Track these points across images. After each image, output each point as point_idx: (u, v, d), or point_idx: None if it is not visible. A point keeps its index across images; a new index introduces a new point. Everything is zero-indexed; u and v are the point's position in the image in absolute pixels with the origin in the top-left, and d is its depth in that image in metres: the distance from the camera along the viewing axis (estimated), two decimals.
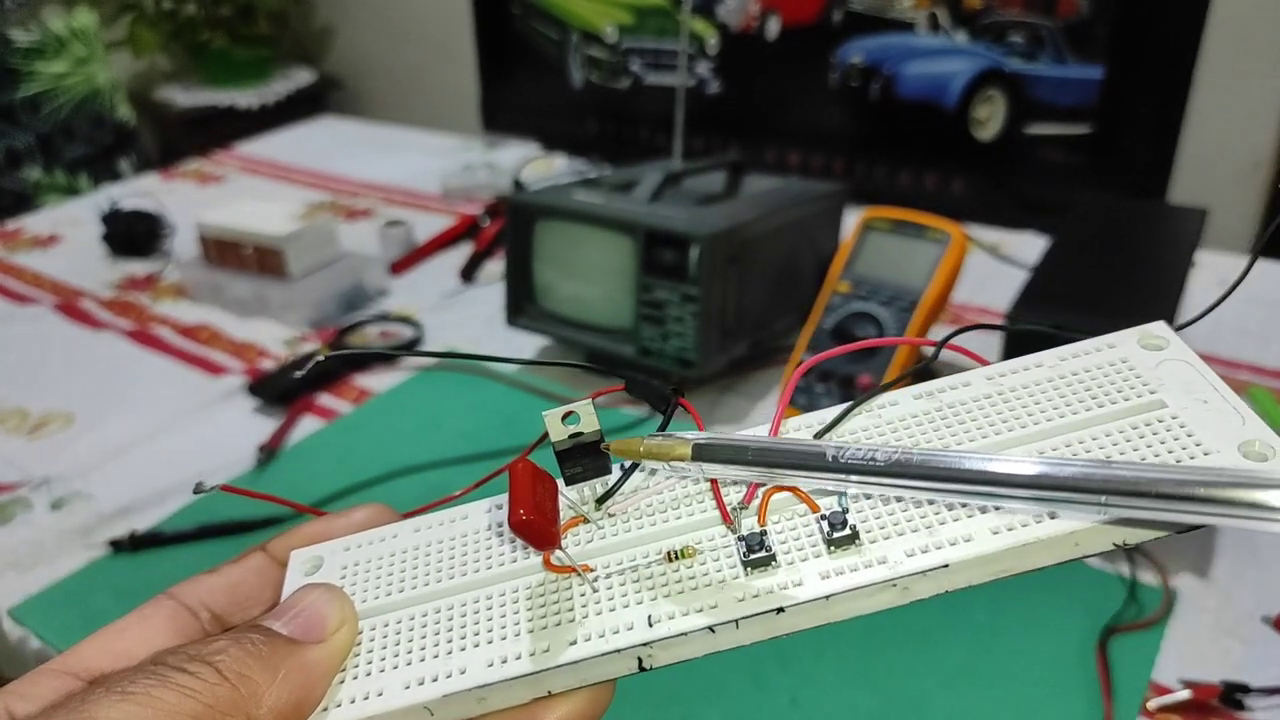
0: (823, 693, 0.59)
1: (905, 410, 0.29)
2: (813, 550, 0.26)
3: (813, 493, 0.27)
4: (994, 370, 0.30)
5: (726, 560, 0.27)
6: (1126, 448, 0.26)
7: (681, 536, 0.28)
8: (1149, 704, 0.57)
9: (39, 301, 1.12)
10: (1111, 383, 0.28)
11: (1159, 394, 0.27)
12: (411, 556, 0.30)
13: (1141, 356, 0.29)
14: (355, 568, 0.30)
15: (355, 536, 0.31)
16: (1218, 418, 0.26)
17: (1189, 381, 0.28)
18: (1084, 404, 0.28)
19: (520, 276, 0.90)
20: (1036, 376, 0.29)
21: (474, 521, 0.30)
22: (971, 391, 0.29)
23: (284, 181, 1.49)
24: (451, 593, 0.28)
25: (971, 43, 1.16)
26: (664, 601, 0.26)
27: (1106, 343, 0.29)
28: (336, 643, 0.26)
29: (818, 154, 1.30)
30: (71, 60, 1.88)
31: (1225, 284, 1.00)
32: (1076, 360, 0.29)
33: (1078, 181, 1.12)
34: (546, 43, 1.48)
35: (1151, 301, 0.67)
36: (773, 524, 0.27)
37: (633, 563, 0.27)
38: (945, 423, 0.28)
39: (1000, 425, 0.28)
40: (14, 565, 0.71)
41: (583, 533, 0.28)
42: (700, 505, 0.28)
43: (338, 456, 0.82)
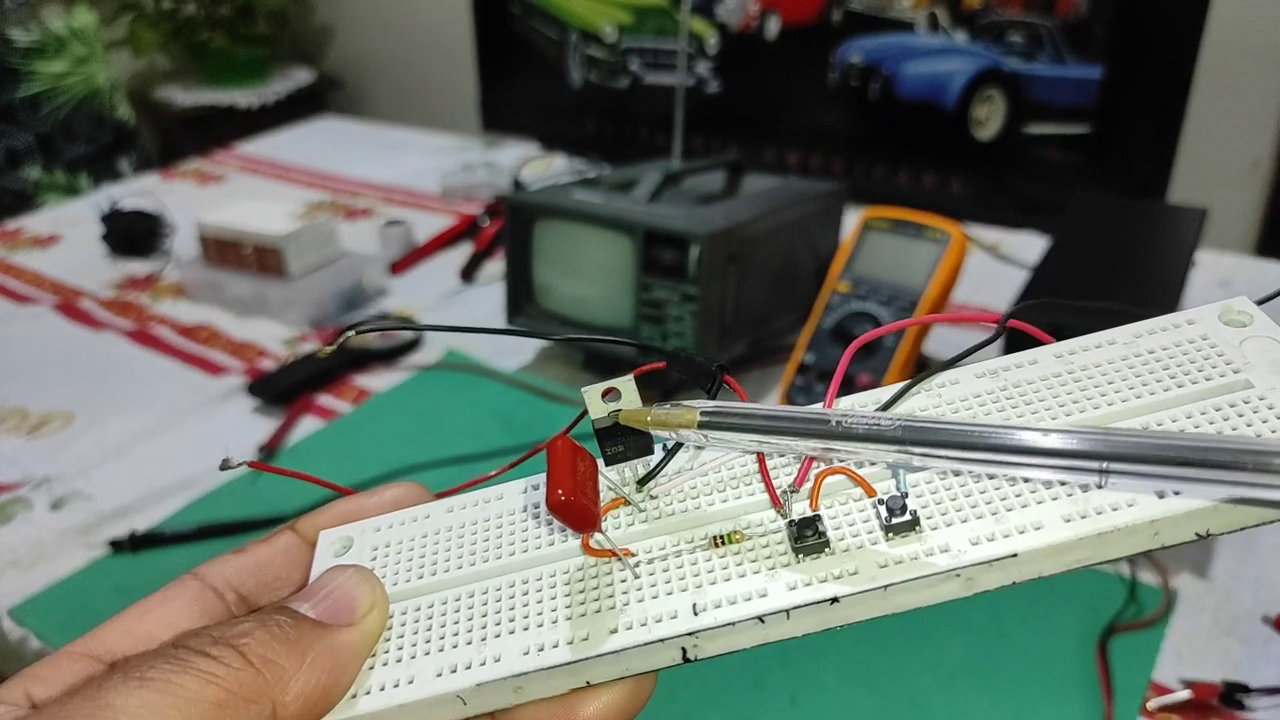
0: (822, 692, 0.59)
1: (968, 390, 0.27)
2: (869, 537, 0.25)
3: (871, 476, 0.26)
4: (1063, 348, 0.28)
5: (777, 546, 0.25)
6: (1210, 430, 0.25)
7: (728, 521, 0.26)
8: (1149, 704, 0.57)
9: (39, 301, 1.12)
10: (1191, 361, 0.26)
11: (1244, 373, 0.26)
12: (444, 538, 0.28)
13: (1223, 333, 0.27)
14: (386, 549, 0.29)
15: (386, 516, 0.29)
16: None
17: (1276, 360, 0.26)
18: (1162, 383, 0.26)
19: (520, 276, 0.90)
20: (1110, 355, 0.27)
21: (509, 502, 0.29)
22: (1039, 370, 0.27)
23: (284, 181, 1.49)
24: (486, 576, 0.27)
25: (971, 42, 1.16)
26: (710, 589, 0.25)
27: (1186, 319, 0.28)
28: (367, 626, 0.25)
29: (817, 153, 1.30)
30: (71, 60, 1.88)
31: (1225, 284, 1.00)
32: (1153, 338, 0.27)
33: (1077, 181, 1.12)
34: (546, 42, 1.48)
35: (1151, 301, 0.67)
36: (825, 509, 0.26)
37: (676, 548, 0.26)
38: (1011, 401, 0.27)
39: (1071, 405, 0.26)
40: (14, 565, 0.71)
41: (623, 515, 0.27)
42: (749, 488, 0.27)
43: (338, 456, 0.82)
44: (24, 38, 1.83)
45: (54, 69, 1.86)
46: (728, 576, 0.25)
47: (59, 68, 1.87)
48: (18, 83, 1.82)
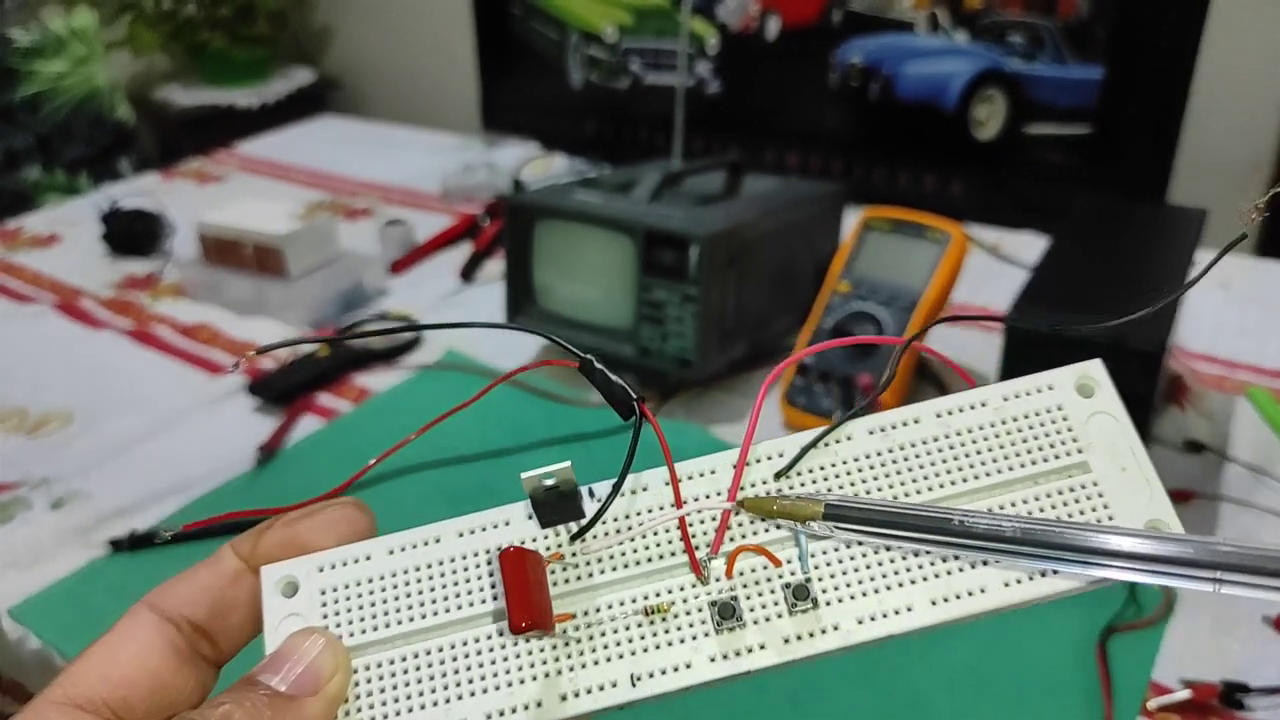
0: (822, 693, 0.59)
1: (859, 448, 0.30)
2: (775, 610, 0.28)
3: (772, 544, 0.29)
4: (943, 405, 0.30)
5: (699, 618, 0.28)
6: (1050, 514, 0.28)
7: (654, 583, 0.29)
8: (1149, 704, 0.57)
9: (38, 301, 1.12)
10: (1046, 434, 0.29)
11: (1085, 455, 0.29)
12: (391, 585, 0.29)
13: (1076, 405, 0.30)
14: (334, 593, 0.29)
15: (329, 555, 0.30)
16: (1131, 488, 0.29)
17: (1113, 442, 0.29)
18: (1020, 458, 0.29)
19: (520, 276, 0.90)
20: (979, 419, 0.30)
21: (448, 547, 0.30)
22: (920, 431, 0.30)
23: (283, 181, 1.49)
24: (437, 633, 0.29)
25: (971, 43, 1.16)
26: (643, 658, 0.28)
27: (1046, 383, 0.30)
28: (331, 691, 0.27)
29: (817, 154, 1.30)
30: (71, 60, 1.88)
31: (1224, 285, 1.00)
32: (1019, 403, 0.30)
33: (1077, 182, 1.12)
34: (546, 43, 1.48)
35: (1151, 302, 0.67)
36: (739, 575, 0.29)
37: (611, 612, 0.28)
38: (896, 467, 0.29)
39: (945, 477, 0.29)
40: (13, 565, 0.71)
41: (559, 573, 0.29)
42: (669, 547, 0.29)
43: (337, 456, 0.82)
44: (23, 38, 1.83)
45: (53, 69, 1.86)
46: (658, 645, 0.28)
47: (58, 68, 1.87)
48: (17, 83, 1.82)
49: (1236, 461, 0.77)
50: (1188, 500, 0.73)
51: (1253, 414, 0.83)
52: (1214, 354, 0.92)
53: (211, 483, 0.79)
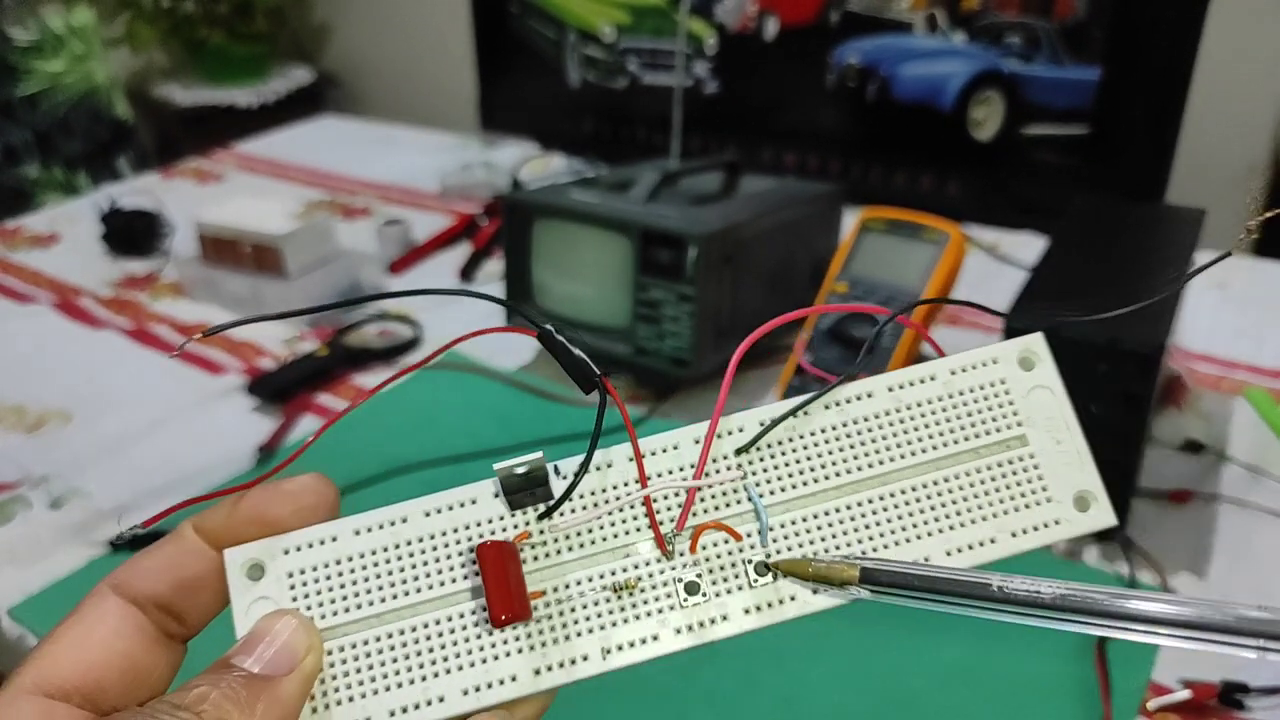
0: (816, 693, 0.59)
1: (817, 423, 0.31)
2: (737, 583, 0.30)
3: (731, 519, 0.30)
4: (894, 379, 0.31)
5: (665, 592, 0.29)
6: (991, 488, 0.30)
7: (621, 559, 0.30)
8: (1148, 704, 0.57)
9: (38, 300, 1.12)
10: (989, 408, 0.31)
11: (1024, 428, 0.31)
12: (359, 566, 0.29)
13: (1018, 379, 0.31)
14: (301, 575, 0.29)
15: (293, 537, 0.30)
16: (1065, 461, 0.30)
17: (1051, 417, 0.31)
18: (963, 432, 0.31)
19: (518, 275, 0.91)
20: (929, 392, 0.31)
21: (416, 526, 0.30)
22: (874, 405, 0.31)
23: (282, 180, 1.49)
24: (409, 613, 0.29)
25: (969, 44, 1.16)
26: (613, 631, 0.29)
27: (991, 356, 0.32)
28: (305, 669, 0.27)
29: (814, 154, 1.30)
30: (70, 57, 1.88)
31: (1221, 285, 1.00)
32: (965, 376, 0.31)
33: (1075, 183, 1.12)
34: (544, 42, 1.48)
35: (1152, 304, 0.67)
36: (702, 551, 0.30)
37: (580, 589, 0.29)
38: (850, 441, 0.31)
39: (895, 451, 0.31)
40: (13, 563, 0.71)
41: (528, 550, 0.30)
42: (636, 524, 0.30)
43: (336, 456, 0.82)
44: (23, 35, 1.83)
45: (52, 66, 1.86)
46: (626, 620, 0.29)
47: (57, 65, 1.87)
48: (16, 80, 1.82)
49: (1234, 461, 0.77)
50: (1186, 500, 0.73)
51: (1251, 414, 0.83)
52: (1212, 354, 0.92)
53: (210, 482, 0.79)
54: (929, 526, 0.30)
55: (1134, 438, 0.64)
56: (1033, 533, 0.30)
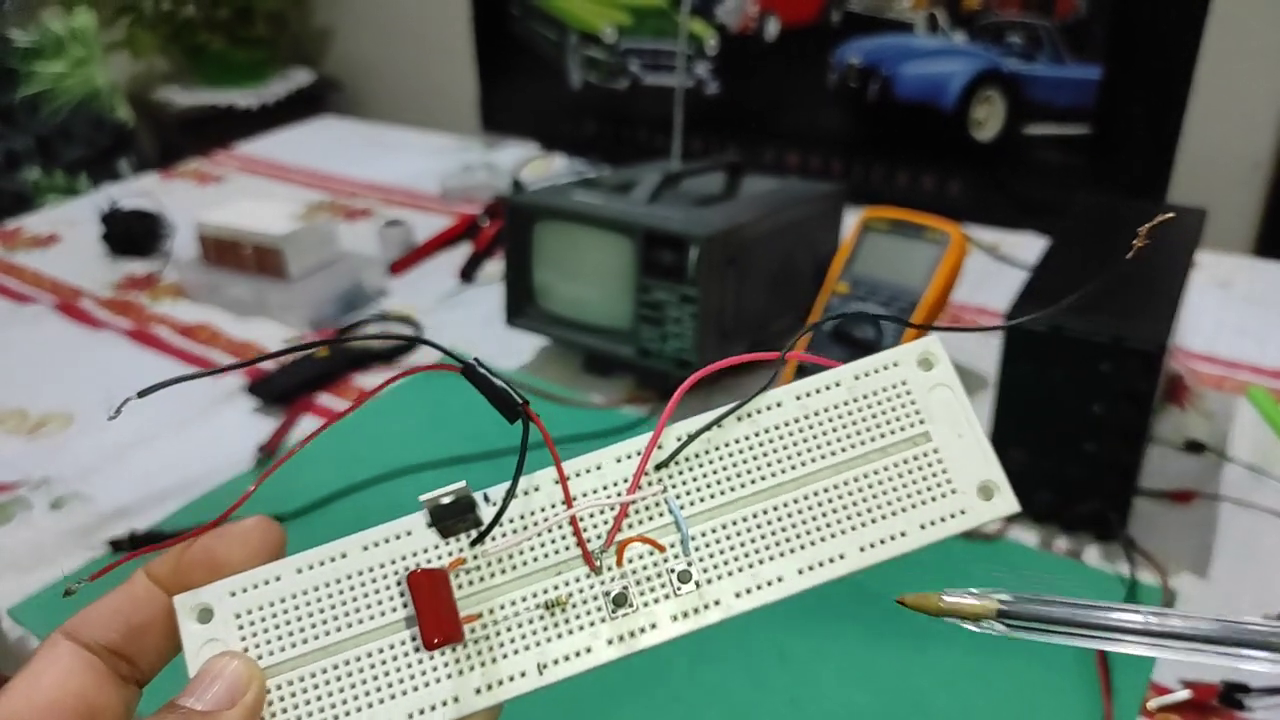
0: (822, 692, 0.59)
1: (729, 434, 0.32)
2: (664, 592, 0.31)
3: (655, 531, 0.31)
4: (801, 387, 0.33)
5: (595, 606, 0.30)
6: (899, 484, 0.31)
7: (552, 577, 0.31)
8: (1149, 704, 0.57)
9: (38, 301, 1.12)
10: (893, 409, 0.32)
11: (927, 425, 0.32)
12: (303, 603, 0.31)
13: (918, 378, 0.32)
14: (249, 615, 0.30)
15: (240, 579, 0.31)
16: (967, 454, 0.32)
17: (952, 413, 0.32)
18: (870, 433, 0.32)
19: (519, 277, 0.90)
20: (834, 398, 0.32)
21: (354, 561, 0.31)
22: (783, 414, 0.32)
23: (283, 182, 1.49)
24: (351, 645, 0.30)
25: (970, 43, 1.16)
26: (547, 647, 0.30)
27: (892, 359, 0.33)
28: (247, 703, 0.28)
29: (816, 154, 1.30)
30: (70, 61, 1.88)
31: (1224, 284, 1.00)
32: (868, 380, 0.32)
33: (1076, 182, 1.12)
34: (545, 43, 1.48)
35: (1155, 302, 0.67)
36: (628, 564, 0.31)
37: (514, 609, 0.30)
38: (763, 449, 0.32)
39: (805, 455, 0.32)
40: (13, 565, 0.71)
41: (462, 575, 0.31)
42: (564, 543, 0.31)
43: (337, 456, 0.82)
44: (23, 39, 1.83)
45: (53, 70, 1.86)
46: (560, 635, 0.30)
47: (58, 69, 1.87)
48: (17, 84, 1.82)
49: (1236, 461, 0.77)
50: (1188, 500, 0.73)
51: (1253, 414, 0.83)
52: (1214, 354, 0.92)
53: (211, 483, 0.79)
54: (842, 525, 0.31)
55: (1136, 436, 0.64)
56: (940, 524, 0.31)
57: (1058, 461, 0.67)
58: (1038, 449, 0.67)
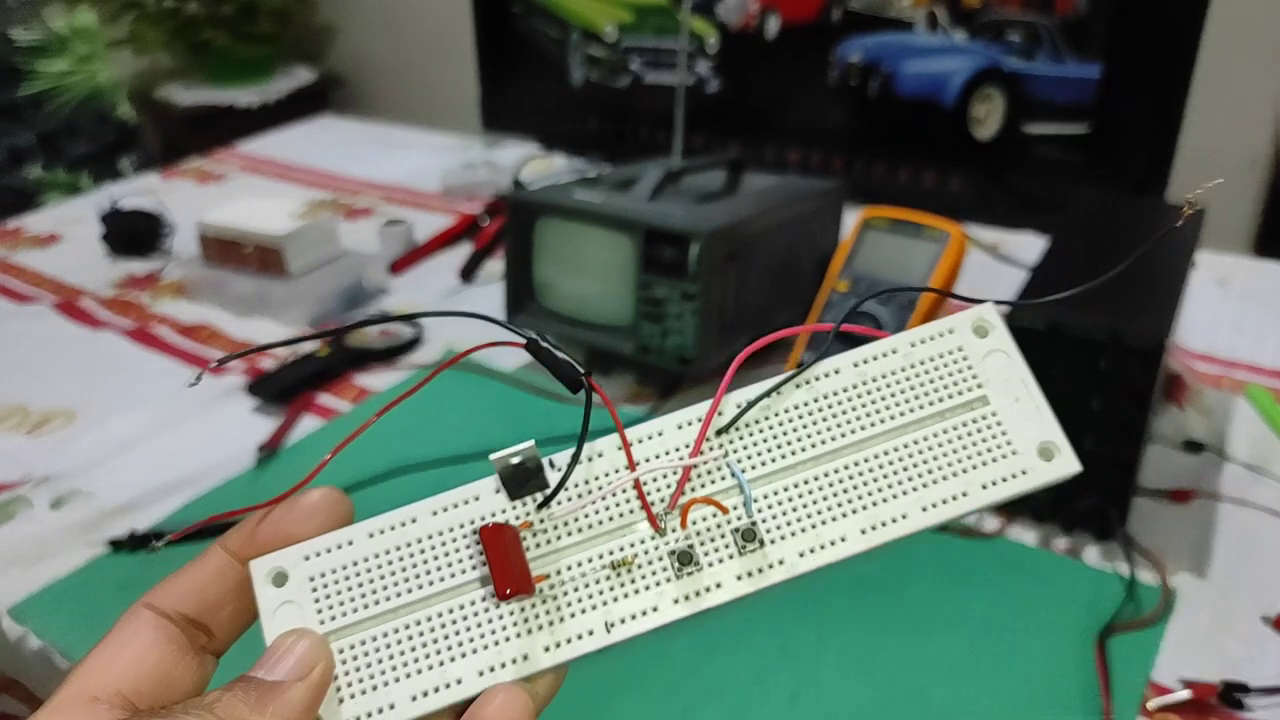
0: (822, 688, 0.59)
1: (789, 401, 0.33)
2: (728, 552, 0.31)
3: (717, 494, 0.32)
4: (859, 355, 0.33)
5: (660, 567, 0.31)
6: (958, 446, 0.32)
7: (618, 539, 0.31)
8: (1148, 704, 0.57)
9: (39, 300, 1.12)
10: (950, 374, 0.33)
11: (984, 389, 0.32)
12: (376, 565, 0.32)
13: (973, 345, 0.33)
14: (323, 578, 0.31)
15: (313, 543, 0.32)
16: (1026, 416, 0.32)
17: (1008, 377, 0.33)
18: (928, 398, 0.32)
19: (520, 275, 0.91)
20: (892, 365, 0.33)
21: (424, 525, 0.32)
22: (841, 380, 0.33)
23: (284, 180, 1.49)
24: (425, 605, 0.31)
25: (970, 41, 1.16)
26: (614, 606, 0.31)
27: (947, 327, 0.33)
28: (314, 679, 0.29)
29: (817, 152, 1.30)
30: (74, 59, 1.88)
31: (1222, 283, 1.00)
32: (924, 347, 0.33)
33: (1076, 179, 1.12)
34: (547, 41, 1.48)
35: (1154, 300, 0.67)
36: (692, 524, 0.31)
37: (581, 569, 0.31)
38: (823, 415, 0.32)
39: (865, 420, 0.32)
40: (15, 563, 0.71)
41: (530, 538, 0.31)
42: (628, 506, 0.32)
43: (337, 455, 0.82)
44: (27, 37, 1.83)
45: (56, 68, 1.86)
46: (626, 594, 0.31)
47: (61, 67, 1.87)
48: (20, 82, 1.82)
49: (1235, 460, 0.77)
50: (1187, 499, 0.73)
51: (1251, 413, 0.83)
52: (1212, 353, 0.92)
53: (212, 481, 0.79)
54: (904, 486, 0.31)
55: (1136, 434, 0.64)
56: (1001, 484, 0.31)
57: None
58: None
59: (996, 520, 0.71)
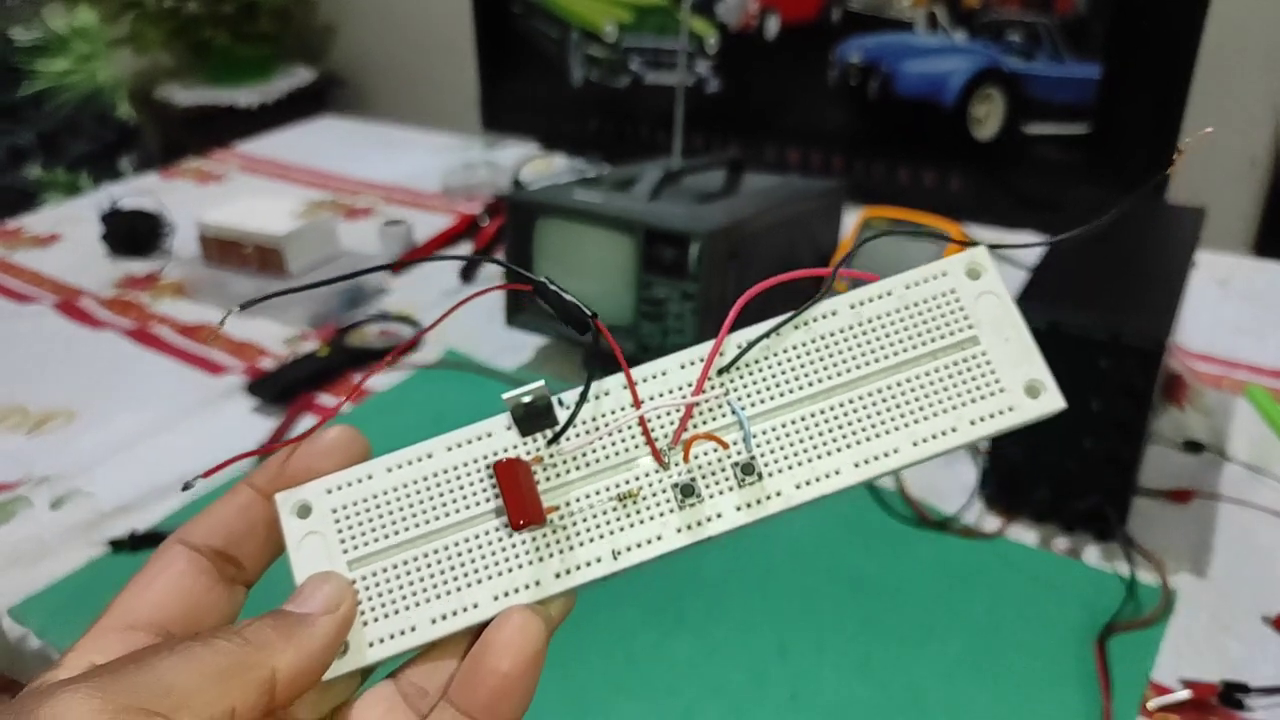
0: (822, 687, 0.59)
1: (788, 342, 0.34)
2: (728, 485, 0.32)
3: (718, 430, 0.33)
4: (855, 297, 0.34)
5: (664, 498, 0.32)
6: (949, 384, 0.33)
7: (623, 473, 0.33)
8: (1149, 704, 0.57)
9: (39, 300, 1.12)
10: (942, 315, 0.34)
11: (975, 330, 0.33)
12: (394, 498, 0.33)
13: (966, 287, 0.34)
14: (344, 510, 0.33)
15: (334, 478, 0.34)
16: (1014, 356, 0.33)
17: (998, 318, 0.34)
18: (921, 338, 0.33)
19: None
20: (887, 306, 0.34)
21: (440, 460, 0.34)
22: (838, 321, 0.34)
23: (284, 180, 1.49)
24: (442, 534, 0.33)
25: (970, 41, 1.16)
26: (620, 535, 0.32)
27: (941, 270, 0.34)
28: (340, 614, 0.31)
29: (817, 152, 1.30)
30: (74, 58, 1.88)
31: (1223, 283, 1.00)
32: (918, 289, 0.34)
33: (1075, 180, 1.12)
34: (547, 41, 1.48)
35: (1154, 299, 0.67)
36: (694, 460, 0.33)
37: (589, 501, 0.33)
38: (819, 355, 0.34)
39: (860, 359, 0.33)
40: (15, 563, 0.71)
41: (540, 472, 0.33)
42: (633, 440, 0.33)
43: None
44: (27, 36, 1.83)
45: (56, 67, 1.86)
46: (632, 524, 0.32)
47: (61, 66, 1.87)
48: (20, 81, 1.82)
49: (1235, 460, 0.77)
50: (1187, 499, 0.73)
51: (1251, 413, 0.83)
52: (1212, 353, 0.92)
53: (212, 482, 0.79)
54: (895, 422, 0.33)
55: (1135, 434, 0.64)
56: (989, 420, 0.32)
57: (1057, 459, 0.67)
58: (1037, 446, 0.67)
59: (996, 520, 0.71)
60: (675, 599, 0.66)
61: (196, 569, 0.32)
